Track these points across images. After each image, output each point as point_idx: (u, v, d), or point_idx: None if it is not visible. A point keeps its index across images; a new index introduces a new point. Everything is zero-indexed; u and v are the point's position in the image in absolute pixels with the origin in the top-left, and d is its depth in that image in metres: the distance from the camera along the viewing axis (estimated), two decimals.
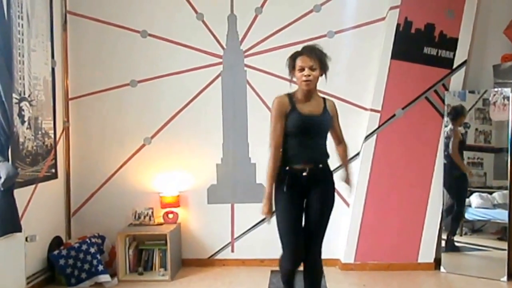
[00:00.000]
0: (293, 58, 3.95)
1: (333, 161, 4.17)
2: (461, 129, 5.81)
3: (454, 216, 5.88)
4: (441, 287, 5.53)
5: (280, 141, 3.96)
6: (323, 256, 4.06)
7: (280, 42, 6.00)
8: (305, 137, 3.93)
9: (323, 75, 3.94)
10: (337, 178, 4.13)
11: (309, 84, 3.84)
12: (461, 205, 5.87)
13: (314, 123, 3.94)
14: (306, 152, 3.94)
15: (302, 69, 3.83)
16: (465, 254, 5.85)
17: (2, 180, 4.40)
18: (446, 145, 5.85)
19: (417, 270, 5.86)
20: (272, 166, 3.94)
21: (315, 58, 3.85)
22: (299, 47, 5.64)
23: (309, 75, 3.81)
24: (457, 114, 5.82)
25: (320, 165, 3.97)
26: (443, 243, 5.90)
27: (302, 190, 3.96)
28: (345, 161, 4.27)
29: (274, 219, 3.98)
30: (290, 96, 3.98)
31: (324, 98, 4.08)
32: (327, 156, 4.04)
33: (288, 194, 3.91)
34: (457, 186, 5.92)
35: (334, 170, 4.11)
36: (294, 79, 3.98)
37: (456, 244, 5.87)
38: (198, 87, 6.15)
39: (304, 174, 3.91)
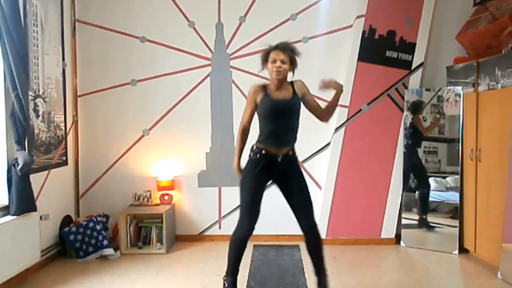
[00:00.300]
0: (267, 51, 4.00)
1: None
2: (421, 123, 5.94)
3: (419, 198, 5.97)
4: (401, 259, 5.59)
5: (247, 122, 4.12)
6: (298, 232, 4.10)
7: (262, 47, 5.89)
8: (278, 120, 3.95)
9: (292, 71, 4.02)
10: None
11: (279, 74, 3.88)
12: (425, 186, 5.94)
13: (285, 106, 3.96)
14: (280, 135, 3.97)
15: (274, 61, 3.88)
16: (422, 231, 5.90)
17: (20, 166, 4.48)
18: (406, 136, 5.94)
19: (380, 245, 5.97)
20: (239, 143, 4.17)
21: (287, 53, 3.92)
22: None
23: (280, 67, 3.86)
24: (417, 106, 5.92)
25: (290, 151, 4.06)
26: (403, 221, 5.98)
27: (272, 172, 4.03)
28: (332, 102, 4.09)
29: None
30: (264, 86, 4.02)
31: (291, 82, 4.07)
32: (296, 139, 4.09)
33: (258, 174, 3.99)
34: (419, 171, 6.00)
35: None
36: (265, 70, 4.03)
37: (413, 221, 5.96)
38: (190, 85, 6.22)
39: (279, 160, 3.99)
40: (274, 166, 4.01)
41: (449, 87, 5.78)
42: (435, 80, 6.07)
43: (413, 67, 5.98)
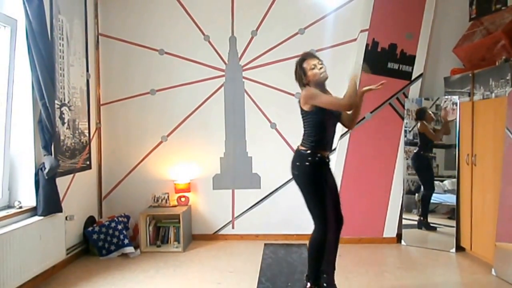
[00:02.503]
0: (299, 65, 3.86)
1: None
2: (430, 129, 5.79)
3: (422, 199, 5.84)
4: (402, 257, 5.49)
5: (339, 98, 3.71)
6: (305, 231, 4.06)
7: (272, 59, 6.04)
8: (331, 126, 3.89)
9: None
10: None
11: (325, 73, 3.78)
12: (428, 189, 5.83)
13: (336, 113, 3.90)
14: (330, 140, 3.91)
15: (313, 67, 3.77)
16: (421, 230, 5.80)
17: (47, 170, 4.45)
18: (406, 143, 5.85)
19: (382, 244, 5.88)
20: (353, 91, 3.63)
21: (316, 57, 3.85)
22: (287, 63, 5.86)
23: (321, 68, 3.77)
24: (422, 113, 5.80)
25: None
26: (403, 221, 5.89)
27: (325, 173, 3.93)
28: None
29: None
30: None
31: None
32: None
33: (325, 180, 3.88)
34: (423, 174, 5.90)
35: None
36: (306, 81, 3.85)
37: (413, 222, 5.86)
38: (205, 95, 6.16)
39: (327, 160, 3.93)
40: (326, 167, 3.95)
41: (446, 97, 5.69)
42: (434, 90, 5.99)
43: (413, 77, 5.91)
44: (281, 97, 6.05)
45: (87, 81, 5.84)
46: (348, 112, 3.92)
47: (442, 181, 5.77)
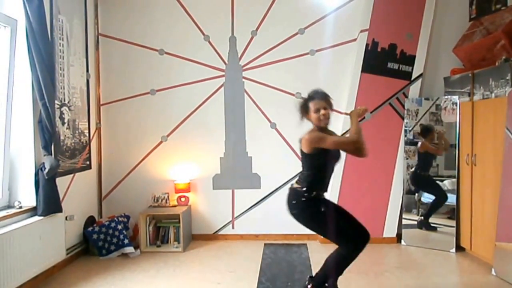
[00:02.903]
0: (305, 103, 3.83)
1: None
2: (431, 146, 5.77)
3: (432, 203, 5.81)
4: (402, 256, 5.49)
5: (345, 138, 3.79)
6: (305, 231, 4.09)
7: (272, 59, 6.04)
8: (331, 167, 3.89)
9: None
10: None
11: (327, 120, 3.75)
12: (441, 197, 5.75)
13: (336, 156, 3.90)
14: (328, 182, 3.90)
15: (317, 111, 3.72)
16: (421, 230, 5.79)
17: (47, 170, 4.45)
18: (406, 143, 5.84)
19: (383, 243, 5.86)
20: (358, 133, 3.73)
21: (325, 100, 3.78)
22: (287, 63, 5.86)
23: (325, 114, 3.72)
24: (427, 131, 5.78)
25: None
26: (403, 221, 5.88)
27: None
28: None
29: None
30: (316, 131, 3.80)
31: (331, 131, 3.96)
32: None
33: (324, 205, 3.84)
34: (430, 190, 5.87)
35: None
36: (306, 120, 3.86)
37: (413, 222, 5.85)
38: (205, 95, 6.15)
39: (322, 197, 3.90)
40: (322, 201, 3.90)
41: (446, 97, 5.69)
42: (434, 90, 5.98)
43: (413, 77, 5.90)
44: (281, 97, 6.05)
45: (87, 81, 5.83)
46: None
47: (442, 181, 5.75)
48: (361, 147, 3.75)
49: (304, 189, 3.81)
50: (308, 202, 3.81)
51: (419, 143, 5.83)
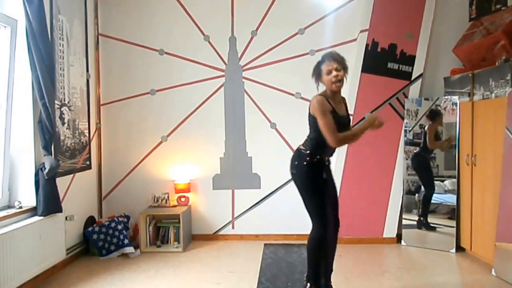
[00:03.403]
0: (317, 65, 3.73)
1: None
2: (439, 128, 5.77)
3: (423, 199, 5.81)
4: (402, 257, 5.47)
5: (336, 131, 3.59)
6: (305, 232, 4.02)
7: (272, 59, 6.03)
8: None
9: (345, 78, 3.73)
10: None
11: (339, 82, 3.64)
12: (429, 189, 5.80)
13: (345, 123, 3.80)
14: (332, 148, 3.81)
15: (329, 72, 3.61)
16: (421, 230, 5.78)
17: (47, 170, 4.44)
18: (406, 143, 5.84)
19: (383, 244, 5.86)
20: (351, 138, 3.76)
21: (338, 61, 3.65)
22: (287, 63, 5.84)
23: (337, 75, 3.60)
24: (435, 115, 5.74)
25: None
26: (403, 221, 5.87)
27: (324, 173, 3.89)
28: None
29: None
30: (325, 97, 3.67)
31: (343, 98, 3.91)
32: None
33: (323, 179, 3.84)
34: (423, 174, 5.88)
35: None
36: (321, 84, 3.77)
37: (413, 222, 5.84)
38: (205, 95, 6.14)
39: (327, 163, 3.93)
40: (325, 168, 3.92)
41: (446, 97, 5.68)
42: (434, 90, 5.96)
43: (413, 78, 5.88)
44: (281, 97, 6.05)
45: (87, 81, 5.82)
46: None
47: (442, 181, 5.75)
48: (343, 144, 3.84)
49: (308, 152, 3.79)
50: (309, 167, 3.79)
51: (426, 126, 5.81)
